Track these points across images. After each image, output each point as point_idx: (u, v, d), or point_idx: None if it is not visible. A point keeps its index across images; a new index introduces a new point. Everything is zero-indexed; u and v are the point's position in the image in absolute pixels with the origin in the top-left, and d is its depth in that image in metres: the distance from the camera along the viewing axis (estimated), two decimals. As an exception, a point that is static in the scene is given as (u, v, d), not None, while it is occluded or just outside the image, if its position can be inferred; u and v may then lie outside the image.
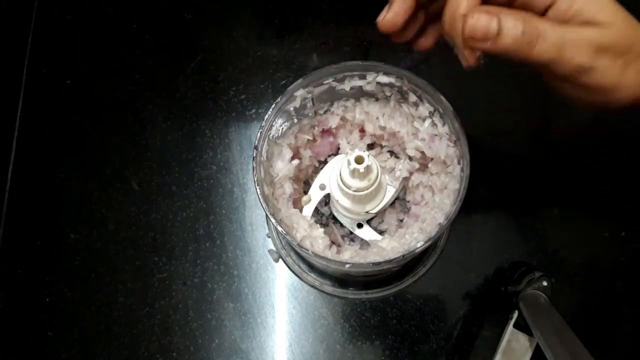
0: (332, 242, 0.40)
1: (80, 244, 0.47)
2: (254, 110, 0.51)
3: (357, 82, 0.39)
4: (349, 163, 0.35)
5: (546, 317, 0.37)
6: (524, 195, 0.47)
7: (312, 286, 0.45)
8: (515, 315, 0.40)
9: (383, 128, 0.42)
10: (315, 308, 0.45)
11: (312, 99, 0.40)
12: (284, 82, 0.52)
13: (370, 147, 0.45)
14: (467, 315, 0.44)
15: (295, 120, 0.41)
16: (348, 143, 0.44)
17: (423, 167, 0.42)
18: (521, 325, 0.40)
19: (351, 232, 0.44)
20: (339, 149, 0.45)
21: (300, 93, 0.39)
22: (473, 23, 0.28)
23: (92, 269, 0.47)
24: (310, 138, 0.43)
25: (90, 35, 0.55)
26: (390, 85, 0.39)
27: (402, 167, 0.43)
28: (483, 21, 0.28)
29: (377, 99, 0.42)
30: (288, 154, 0.40)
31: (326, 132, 0.44)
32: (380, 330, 0.44)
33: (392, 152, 0.45)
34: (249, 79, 0.52)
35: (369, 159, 0.35)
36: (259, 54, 0.53)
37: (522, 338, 0.40)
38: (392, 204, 0.44)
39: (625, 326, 0.44)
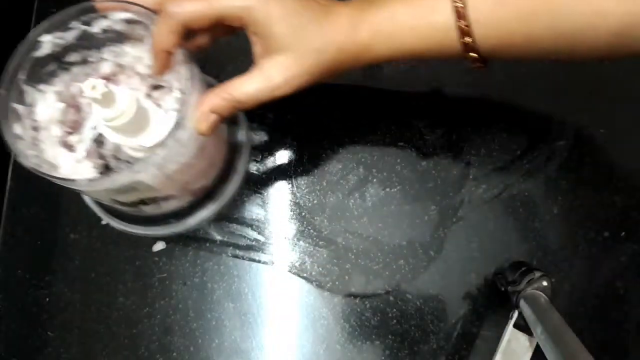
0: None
1: (80, 244, 0.47)
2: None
3: (105, 23, 0.38)
4: (83, 92, 0.34)
5: (546, 317, 0.37)
6: (524, 195, 0.47)
7: (128, 233, 0.44)
8: (515, 315, 0.40)
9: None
10: (315, 308, 0.45)
11: (72, 45, 0.38)
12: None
13: (157, 88, 0.42)
14: (467, 315, 0.44)
15: (63, 68, 0.39)
16: (131, 89, 0.41)
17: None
18: (521, 325, 0.40)
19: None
20: None
21: (47, 39, 0.37)
22: None
23: (92, 269, 0.47)
24: None
25: (90, 35, 0.55)
26: (138, 22, 0.37)
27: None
28: None
29: (138, 40, 0.40)
30: (54, 100, 0.38)
31: (104, 79, 0.40)
32: (380, 330, 0.44)
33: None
34: (249, 79, 0.52)
35: (103, 86, 0.33)
36: (259, 54, 0.53)
37: (522, 338, 0.40)
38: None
39: (625, 326, 0.44)
